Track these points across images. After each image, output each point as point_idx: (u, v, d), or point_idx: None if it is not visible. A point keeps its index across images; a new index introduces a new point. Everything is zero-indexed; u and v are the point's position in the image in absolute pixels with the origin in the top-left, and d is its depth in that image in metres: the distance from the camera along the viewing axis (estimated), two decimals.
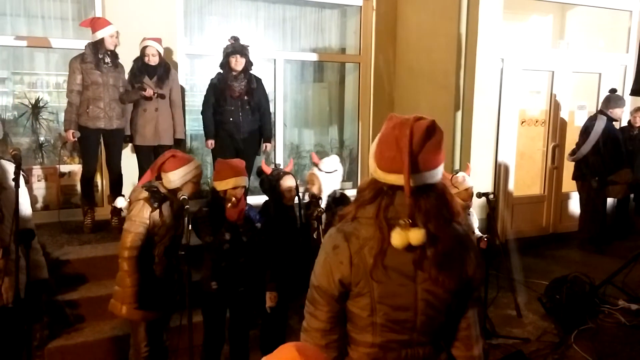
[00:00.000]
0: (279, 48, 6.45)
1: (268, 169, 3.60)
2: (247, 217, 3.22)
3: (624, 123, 6.66)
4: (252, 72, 5.12)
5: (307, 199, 3.66)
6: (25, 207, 2.81)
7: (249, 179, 4.97)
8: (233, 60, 4.95)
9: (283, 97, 6.37)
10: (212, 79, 5.13)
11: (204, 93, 5.19)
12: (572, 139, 6.30)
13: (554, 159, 6.48)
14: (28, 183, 3.09)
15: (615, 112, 5.92)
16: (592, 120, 6.00)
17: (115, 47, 4.70)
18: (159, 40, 4.91)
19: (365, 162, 6.61)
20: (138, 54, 4.91)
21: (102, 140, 4.82)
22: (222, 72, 5.07)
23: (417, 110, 1.69)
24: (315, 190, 3.52)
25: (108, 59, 4.64)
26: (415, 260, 1.46)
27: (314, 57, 6.58)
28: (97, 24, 4.63)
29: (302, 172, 6.45)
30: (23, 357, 2.82)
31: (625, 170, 5.96)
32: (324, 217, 3.44)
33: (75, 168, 5.36)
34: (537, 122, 6.41)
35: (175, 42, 5.51)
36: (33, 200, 4.20)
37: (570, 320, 4.24)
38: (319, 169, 3.58)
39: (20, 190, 2.70)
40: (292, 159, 4.76)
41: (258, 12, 6.36)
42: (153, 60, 4.86)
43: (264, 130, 5.32)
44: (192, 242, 3.00)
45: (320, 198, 3.46)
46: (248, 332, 3.39)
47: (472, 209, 4.11)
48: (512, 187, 6.21)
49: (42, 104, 5.50)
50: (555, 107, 6.43)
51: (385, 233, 1.44)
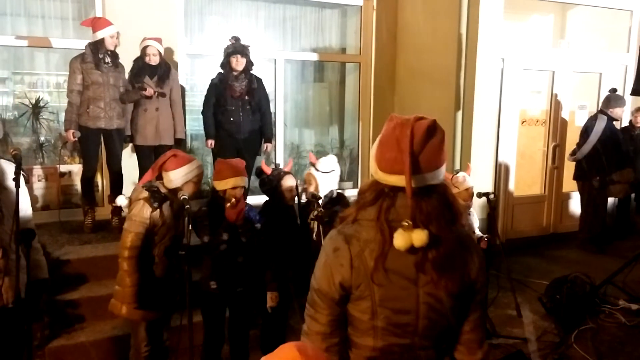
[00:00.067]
0: (280, 48, 6.44)
1: (268, 169, 3.60)
2: (246, 217, 3.21)
3: (625, 123, 6.66)
4: (252, 72, 5.12)
5: (304, 199, 3.66)
6: (26, 207, 2.81)
7: (249, 179, 5.00)
8: (234, 61, 4.95)
9: (283, 97, 6.37)
10: (212, 79, 5.13)
11: (205, 93, 5.19)
12: (572, 139, 6.30)
13: (555, 159, 6.48)
14: (28, 183, 3.08)
15: (616, 111, 5.92)
16: (592, 120, 5.99)
17: (116, 47, 4.71)
18: (160, 40, 4.91)
19: (366, 162, 6.61)
20: (138, 54, 4.91)
21: (102, 140, 4.82)
22: (222, 72, 5.07)
23: (417, 110, 1.68)
24: (313, 190, 3.52)
25: (108, 59, 4.65)
26: (417, 263, 1.44)
27: (315, 57, 6.58)
28: (98, 24, 4.64)
29: (302, 172, 6.44)
30: (24, 357, 2.82)
31: (627, 170, 5.96)
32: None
33: (76, 168, 5.36)
34: (537, 122, 6.40)
35: (176, 42, 5.51)
36: (33, 200, 4.20)
37: (571, 320, 4.24)
38: (316, 169, 3.58)
39: (21, 190, 2.69)
40: (291, 159, 4.76)
41: (258, 11, 6.36)
42: (154, 60, 4.87)
43: (265, 131, 5.32)
44: (192, 242, 3.00)
45: (320, 198, 3.46)
46: (248, 331, 3.39)
47: (472, 209, 4.10)
48: (512, 187, 6.21)
49: (42, 104, 5.50)
50: (556, 107, 6.42)
51: (387, 235, 1.42)
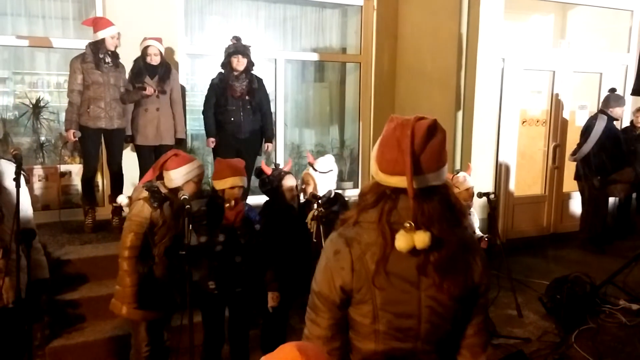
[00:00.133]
0: (280, 48, 6.44)
1: (268, 170, 3.60)
2: (245, 218, 3.20)
3: (626, 123, 6.66)
4: (253, 72, 5.12)
5: (303, 199, 3.65)
6: (26, 206, 2.81)
7: (250, 179, 5.00)
8: (235, 61, 4.95)
9: (284, 97, 6.37)
10: (213, 79, 5.13)
11: (205, 93, 5.19)
12: (573, 139, 6.30)
13: (555, 159, 6.47)
14: (29, 183, 3.10)
15: (616, 111, 5.92)
16: (592, 120, 5.99)
17: (116, 47, 4.71)
18: (160, 40, 4.91)
19: (366, 161, 6.61)
20: (139, 54, 4.91)
21: (102, 140, 4.83)
22: (223, 72, 5.06)
23: (417, 110, 1.68)
24: (311, 190, 3.51)
25: (109, 59, 4.65)
26: (419, 266, 1.41)
27: (315, 56, 6.58)
28: (99, 24, 4.64)
29: (302, 171, 6.44)
30: (24, 356, 2.82)
31: (628, 169, 5.96)
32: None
33: (76, 168, 5.36)
34: (538, 122, 6.40)
35: (176, 41, 5.51)
36: (34, 200, 4.20)
37: (571, 320, 4.24)
38: (314, 169, 3.57)
39: (21, 190, 2.70)
40: (290, 159, 4.76)
41: (259, 11, 6.36)
42: (155, 60, 4.87)
43: (266, 131, 5.32)
44: (192, 241, 3.01)
45: (321, 198, 3.45)
46: (248, 331, 3.38)
47: (473, 209, 4.11)
48: (512, 187, 6.21)
49: (42, 104, 5.50)
50: (556, 107, 6.42)
51: (388, 238, 1.39)
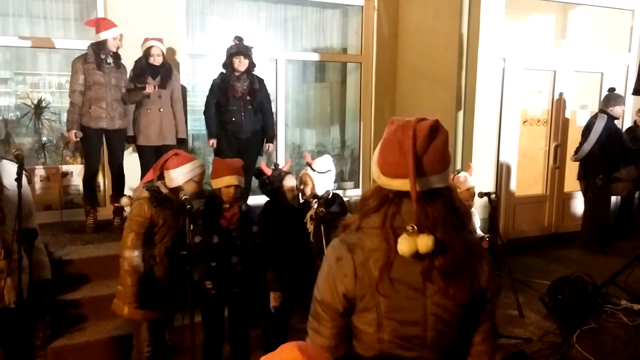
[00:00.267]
0: (281, 48, 6.45)
1: (268, 170, 3.60)
2: (242, 219, 3.19)
3: (627, 122, 6.66)
4: (254, 72, 5.13)
5: (301, 200, 3.65)
6: (29, 206, 2.82)
7: (251, 180, 5.00)
8: (236, 61, 4.96)
9: (285, 97, 6.38)
10: (214, 79, 5.14)
11: (206, 93, 5.20)
12: (574, 139, 6.29)
13: (556, 159, 6.47)
14: (30, 183, 3.10)
15: (616, 110, 5.92)
16: (593, 120, 6.00)
17: (118, 49, 4.72)
18: (161, 41, 4.92)
19: (367, 161, 6.61)
20: (140, 54, 4.92)
21: (104, 141, 4.83)
22: (224, 72, 5.07)
23: (418, 110, 1.68)
24: (308, 191, 3.51)
25: (110, 60, 4.66)
26: (424, 272, 1.37)
27: (316, 57, 6.59)
28: (102, 25, 4.65)
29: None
30: (26, 356, 2.83)
31: (630, 168, 5.95)
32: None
33: (78, 168, 5.36)
34: (539, 121, 6.40)
35: (177, 42, 5.52)
36: (35, 201, 4.21)
37: (573, 320, 4.24)
38: (312, 169, 3.57)
39: (25, 190, 2.70)
40: (289, 159, 4.77)
41: (260, 12, 6.36)
42: (157, 61, 4.88)
43: (267, 131, 5.32)
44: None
45: (322, 198, 3.45)
46: (248, 331, 3.38)
47: (473, 209, 4.11)
48: (514, 186, 6.20)
49: (44, 104, 5.50)
50: (557, 106, 6.42)
51: (392, 243, 1.35)
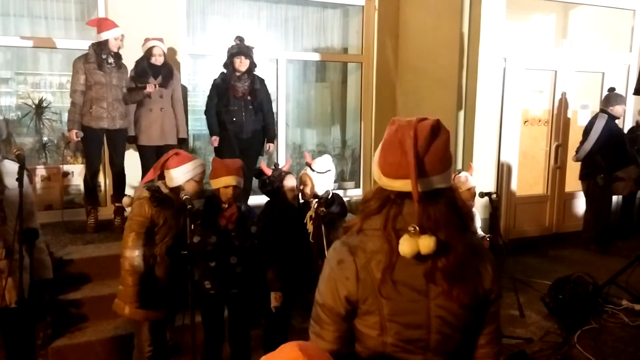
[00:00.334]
0: (282, 48, 6.45)
1: (268, 171, 3.59)
2: (241, 219, 3.19)
3: (628, 122, 6.66)
4: (255, 72, 5.13)
5: (301, 200, 3.65)
6: (30, 206, 2.82)
7: (252, 180, 5.00)
8: (237, 61, 4.96)
9: (285, 97, 6.37)
10: (215, 79, 5.14)
11: (207, 93, 5.20)
12: (575, 139, 6.29)
13: (557, 159, 6.47)
14: (32, 183, 3.10)
15: (616, 109, 5.92)
16: (593, 119, 6.00)
17: (119, 49, 4.72)
18: (161, 40, 4.92)
19: (368, 161, 6.61)
20: (141, 54, 4.92)
21: (105, 140, 4.84)
22: (225, 72, 5.07)
23: (419, 110, 1.68)
24: (308, 191, 3.51)
25: (111, 59, 4.66)
26: (427, 273, 1.35)
27: (317, 56, 6.58)
28: (103, 25, 4.66)
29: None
30: (27, 356, 2.83)
31: (632, 167, 5.95)
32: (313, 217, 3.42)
33: (79, 168, 5.37)
34: (540, 121, 6.40)
35: (178, 42, 5.52)
36: (36, 200, 4.21)
37: (574, 320, 4.23)
38: (312, 169, 3.56)
39: (27, 190, 2.71)
40: (289, 159, 4.76)
41: (260, 12, 6.37)
42: (159, 61, 4.89)
43: (267, 131, 5.32)
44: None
45: (323, 198, 3.45)
46: (248, 331, 3.38)
47: (474, 209, 4.11)
48: (514, 186, 6.20)
49: (45, 104, 5.51)
50: (558, 106, 6.42)
51: (394, 245, 1.33)
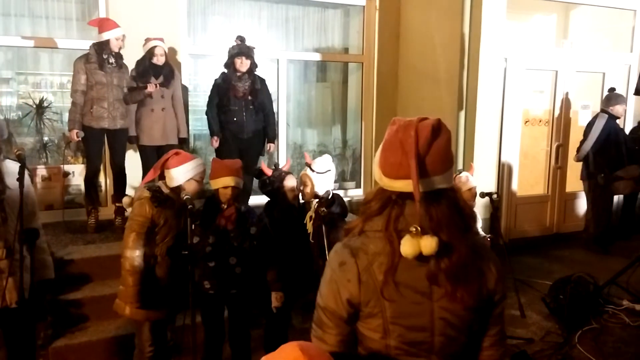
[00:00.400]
0: (282, 48, 6.45)
1: (268, 171, 3.59)
2: (240, 220, 3.19)
3: (629, 122, 6.65)
4: (256, 72, 5.13)
5: (301, 200, 3.65)
6: (32, 206, 2.82)
7: (252, 180, 4.99)
8: (238, 62, 4.96)
9: (286, 97, 6.37)
10: (216, 79, 5.14)
11: (208, 93, 5.20)
12: (575, 139, 6.29)
13: (558, 159, 6.46)
14: (32, 183, 3.10)
15: (616, 109, 5.92)
16: (593, 119, 6.01)
17: (120, 49, 4.72)
18: (162, 40, 4.93)
19: (369, 161, 6.61)
20: (141, 54, 4.92)
21: (105, 140, 4.84)
22: (226, 72, 5.08)
23: (420, 110, 1.68)
24: (308, 191, 3.50)
25: (112, 59, 4.67)
26: (429, 275, 1.34)
27: (317, 57, 6.58)
28: (105, 25, 4.66)
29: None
30: (28, 356, 2.83)
31: (633, 166, 5.94)
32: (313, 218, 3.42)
33: (79, 168, 5.37)
34: (540, 121, 6.39)
35: (179, 42, 5.52)
36: (37, 200, 4.21)
37: (574, 321, 4.23)
38: (311, 170, 3.56)
39: (28, 190, 2.71)
40: (289, 159, 4.76)
41: (261, 12, 6.37)
42: (160, 60, 4.90)
43: (268, 131, 5.32)
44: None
45: (324, 198, 3.45)
46: (248, 331, 3.38)
47: (475, 209, 4.10)
48: (515, 187, 6.20)
49: (46, 104, 5.51)
50: (559, 106, 6.41)
51: (396, 246, 1.32)
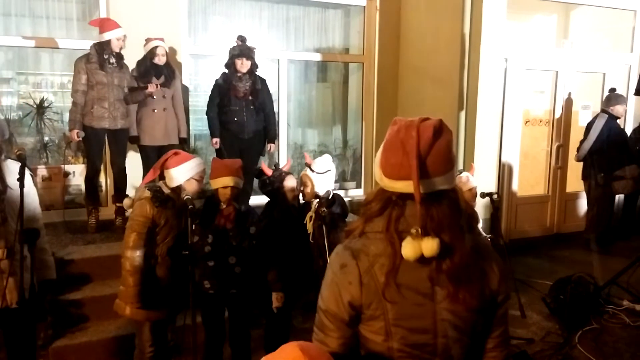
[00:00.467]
0: (283, 48, 6.45)
1: (269, 171, 3.59)
2: (239, 220, 3.19)
3: (629, 122, 6.65)
4: (257, 73, 5.13)
5: (301, 200, 3.65)
6: (34, 206, 2.82)
7: (252, 180, 4.99)
8: (239, 63, 4.96)
9: (287, 97, 6.37)
10: (217, 79, 5.14)
11: (208, 93, 5.20)
12: (576, 139, 6.29)
13: (558, 159, 6.46)
14: (35, 184, 3.09)
15: (617, 109, 5.92)
16: (594, 119, 6.01)
17: (121, 49, 4.73)
18: (162, 40, 4.93)
19: (369, 161, 6.61)
20: (142, 54, 4.93)
21: (106, 140, 4.84)
22: (227, 72, 5.08)
23: (420, 110, 1.67)
24: (309, 191, 3.50)
25: (113, 60, 4.67)
26: (431, 276, 1.32)
27: (318, 57, 6.58)
28: (106, 25, 4.66)
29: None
30: (28, 356, 2.83)
31: (632, 166, 5.94)
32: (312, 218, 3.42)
33: (80, 168, 5.38)
34: (541, 122, 6.39)
35: (180, 42, 5.52)
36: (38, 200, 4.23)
37: (575, 321, 4.23)
38: (311, 170, 3.56)
39: (30, 189, 2.71)
40: (289, 159, 4.76)
41: (262, 12, 6.37)
42: (162, 60, 4.91)
43: (269, 131, 5.32)
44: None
45: (325, 198, 3.45)
46: (248, 332, 3.38)
47: (475, 209, 4.10)
48: (516, 187, 6.20)
49: (46, 104, 5.51)
50: (560, 107, 6.41)
51: (397, 247, 1.31)
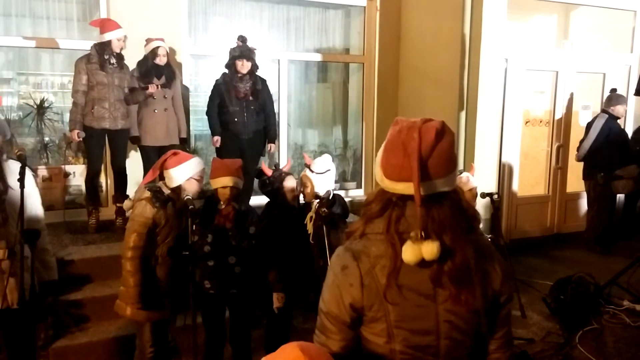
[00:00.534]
0: (283, 48, 6.45)
1: (269, 171, 3.60)
2: (238, 219, 3.19)
3: (630, 122, 6.65)
4: (257, 73, 5.13)
5: (302, 201, 3.65)
6: (36, 207, 2.82)
7: (253, 180, 4.99)
8: (239, 64, 4.97)
9: (287, 97, 6.38)
10: (217, 80, 5.14)
11: (209, 93, 5.20)
12: (576, 139, 6.29)
13: (558, 159, 6.46)
14: (36, 184, 3.10)
15: (617, 109, 5.93)
16: (594, 119, 6.02)
17: (121, 50, 4.73)
18: (163, 40, 4.93)
19: (370, 162, 6.61)
20: (143, 54, 4.93)
21: (107, 141, 4.84)
22: (227, 72, 5.08)
23: (420, 110, 1.68)
24: (309, 192, 3.50)
25: (113, 60, 4.67)
26: (433, 277, 1.32)
27: (318, 57, 6.59)
28: (106, 25, 4.66)
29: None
30: (28, 357, 2.83)
31: (632, 166, 5.94)
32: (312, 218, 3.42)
33: (80, 168, 5.38)
34: (541, 122, 6.39)
35: (180, 42, 5.53)
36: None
37: (575, 321, 4.23)
38: (311, 170, 3.56)
39: (32, 190, 2.71)
40: (289, 159, 4.77)
41: (262, 12, 6.38)
42: (163, 60, 4.92)
43: (269, 131, 5.33)
44: None
45: (325, 199, 3.45)
46: (249, 332, 3.38)
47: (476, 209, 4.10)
48: (516, 187, 6.20)
49: (47, 105, 5.52)
50: (560, 107, 6.41)
51: (398, 249, 1.31)
